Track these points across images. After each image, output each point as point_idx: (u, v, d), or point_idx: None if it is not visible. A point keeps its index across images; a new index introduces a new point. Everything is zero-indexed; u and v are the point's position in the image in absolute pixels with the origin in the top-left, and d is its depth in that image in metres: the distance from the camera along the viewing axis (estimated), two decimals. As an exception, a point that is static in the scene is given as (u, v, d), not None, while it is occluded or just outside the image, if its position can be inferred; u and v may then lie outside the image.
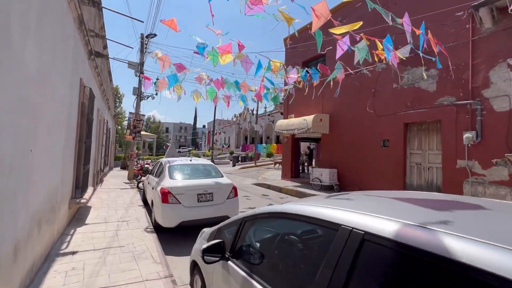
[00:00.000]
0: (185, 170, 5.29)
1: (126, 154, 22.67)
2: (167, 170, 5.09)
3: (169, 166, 5.25)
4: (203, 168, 5.55)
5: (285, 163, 12.41)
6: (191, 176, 5.10)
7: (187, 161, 5.65)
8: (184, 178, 4.93)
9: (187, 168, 5.37)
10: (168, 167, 5.21)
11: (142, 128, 12.60)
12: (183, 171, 5.24)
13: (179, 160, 5.77)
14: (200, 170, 5.45)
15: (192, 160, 5.73)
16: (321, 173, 9.28)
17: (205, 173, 5.37)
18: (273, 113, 33.50)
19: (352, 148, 8.95)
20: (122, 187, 9.42)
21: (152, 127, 52.18)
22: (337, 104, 9.70)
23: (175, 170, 5.16)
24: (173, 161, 5.56)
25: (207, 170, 5.51)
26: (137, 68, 12.10)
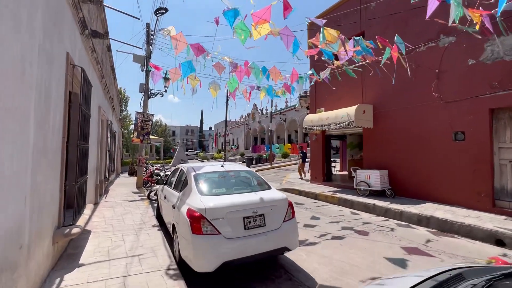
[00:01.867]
0: (219, 181, 3.76)
1: (134, 159, 21.39)
2: (193, 181, 3.57)
3: (196, 175, 3.73)
4: (243, 177, 4.01)
5: (314, 164, 10.79)
6: (228, 189, 3.55)
7: (218, 167, 4.11)
8: (220, 193, 3.38)
9: (221, 178, 3.84)
10: (194, 176, 3.69)
11: (151, 129, 11.16)
12: (216, 182, 3.71)
13: (206, 166, 4.23)
14: (238, 180, 3.91)
15: (224, 166, 4.18)
16: (368, 175, 7.64)
17: (246, 184, 3.82)
18: (285, 111, 31.88)
19: (407, 144, 7.29)
20: (131, 199, 7.95)
21: (158, 130, 51.12)
22: (383, 92, 8.05)
23: (205, 181, 3.63)
24: (198, 168, 4.03)
25: (248, 179, 3.96)
26: (143, 62, 10.67)
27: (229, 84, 7.43)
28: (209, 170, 3.92)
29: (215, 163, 4.56)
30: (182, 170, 4.38)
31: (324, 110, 10.22)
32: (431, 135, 6.74)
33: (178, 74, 7.61)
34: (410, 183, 7.14)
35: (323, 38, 4.56)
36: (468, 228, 4.79)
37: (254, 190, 3.57)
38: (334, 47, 5.17)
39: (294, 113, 29.91)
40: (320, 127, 9.11)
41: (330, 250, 4.16)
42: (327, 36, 4.67)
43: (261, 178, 4.04)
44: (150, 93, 11.14)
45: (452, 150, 6.30)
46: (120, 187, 10.79)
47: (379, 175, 7.39)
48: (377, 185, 7.38)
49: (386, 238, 4.74)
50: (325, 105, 10.28)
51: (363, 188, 7.68)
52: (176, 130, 75.64)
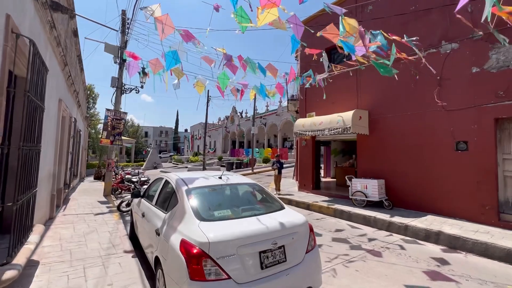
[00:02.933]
0: (220, 199, 2.92)
1: (101, 162, 19.39)
2: (186, 199, 2.70)
3: (189, 190, 2.86)
4: (249, 192, 3.21)
5: (303, 171, 10.25)
6: (235, 211, 2.72)
7: (215, 179, 3.27)
8: (224, 217, 2.55)
9: (222, 195, 3.01)
10: (186, 192, 2.82)
11: (123, 129, 9.87)
12: (217, 200, 2.88)
13: (199, 176, 3.37)
14: (245, 198, 3.11)
15: (223, 177, 3.35)
16: (365, 184, 7.21)
17: (255, 203, 3.03)
18: (265, 115, 31.45)
19: (406, 153, 6.98)
20: (97, 211, 6.69)
21: (130, 131, 48.02)
22: (380, 98, 7.74)
23: (203, 200, 2.78)
24: (190, 180, 3.16)
25: (255, 196, 3.17)
26: (116, 53, 9.41)
27: (220, 80, 6.59)
28: (205, 184, 3.07)
29: (209, 173, 3.70)
30: (167, 181, 3.46)
31: (315, 115, 9.75)
32: (432, 144, 6.48)
33: (159, 66, 6.63)
34: (409, 193, 6.81)
35: (343, 28, 3.94)
36: (483, 246, 4.43)
37: (267, 211, 2.78)
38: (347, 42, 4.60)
39: (275, 117, 29.57)
40: (312, 132, 8.57)
41: (348, 279, 3.49)
42: (346, 27, 4.07)
43: (268, 193, 3.27)
44: (123, 88, 9.87)
45: (454, 160, 6.05)
46: (84, 195, 9.32)
47: (377, 185, 6.99)
48: (375, 195, 6.96)
49: (401, 260, 4.21)
50: (316, 109, 9.82)
51: (360, 198, 7.23)
52: (149, 131, 71.97)
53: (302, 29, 4.40)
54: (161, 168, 30.73)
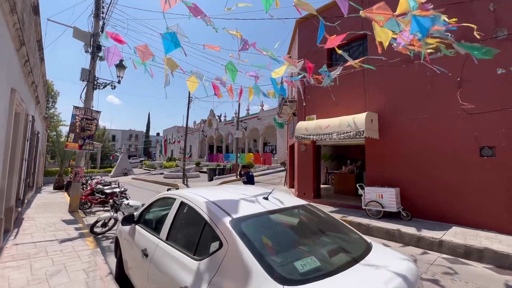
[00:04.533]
0: (289, 237, 1.93)
1: (64, 169, 16.93)
2: (239, 242, 1.66)
3: (235, 222, 1.83)
4: (318, 221, 2.25)
5: (303, 178, 9.47)
6: (321, 258, 1.71)
7: (259, 201, 2.26)
8: (314, 273, 1.54)
9: (288, 228, 2.03)
10: (233, 226, 1.78)
11: (95, 131, 8.28)
12: (286, 239, 1.88)
13: (234, 198, 2.33)
14: (316, 230, 2.16)
15: (271, 199, 2.34)
16: (380, 193, 6.60)
17: (333, 237, 2.08)
18: (246, 119, 30.54)
19: (423, 159, 6.51)
20: (62, 235, 5.19)
21: (96, 134, 43.94)
22: (391, 100, 7.25)
23: (267, 241, 1.75)
24: (226, 204, 2.12)
25: (327, 227, 2.23)
26: (88, 40, 7.89)
27: (228, 70, 5.57)
28: (256, 210, 2.04)
29: (237, 189, 2.68)
30: (187, 206, 2.36)
31: (315, 118, 9.07)
32: (452, 149, 6.06)
33: (148, 54, 5.42)
34: (428, 203, 6.31)
35: (414, 1, 3.17)
36: (539, 265, 3.93)
37: (360, 253, 1.84)
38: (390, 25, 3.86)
39: (256, 121, 28.80)
40: (317, 136, 7.84)
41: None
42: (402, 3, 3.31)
43: (339, 220, 2.34)
44: (96, 83, 8.31)
45: (479, 167, 5.66)
46: (43, 212, 7.54)
47: (394, 193, 6.40)
48: (393, 205, 6.36)
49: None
50: (317, 112, 9.15)
51: (375, 209, 6.59)
52: (117, 135, 67.03)
53: (347, 4, 3.59)
54: (132, 175, 28.18)
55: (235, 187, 3.01)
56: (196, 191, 2.62)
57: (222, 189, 2.86)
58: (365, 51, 8.19)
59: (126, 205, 5.64)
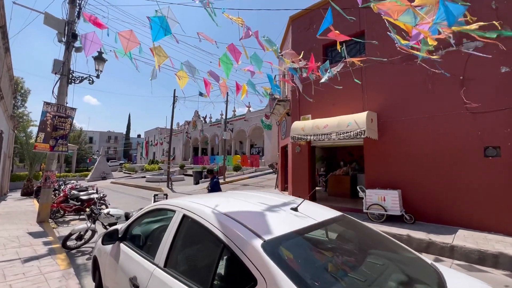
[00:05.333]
0: (338, 264, 1.43)
1: (34, 173, 15.45)
2: (283, 278, 1.14)
3: (270, 246, 1.32)
4: (362, 238, 1.80)
5: (297, 181, 9.07)
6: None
7: (286, 213, 1.76)
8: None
9: (335, 251, 1.53)
10: (268, 252, 1.27)
11: (69, 131, 7.38)
12: (337, 268, 1.38)
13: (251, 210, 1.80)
14: (364, 251, 1.67)
15: (301, 210, 1.84)
16: (382, 196, 6.32)
17: (393, 260, 1.62)
18: (232, 120, 29.90)
19: (423, 160, 6.31)
20: (27, 253, 4.37)
21: (71, 136, 41.42)
22: (391, 99, 7.03)
23: (317, 274, 1.25)
24: (248, 219, 1.59)
25: (378, 245, 1.77)
26: (62, 28, 7.04)
27: (223, 64, 5.03)
28: (291, 228, 1.53)
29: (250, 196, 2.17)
30: (193, 221, 1.80)
31: (311, 118, 8.72)
32: (455, 150, 5.89)
33: (133, 42, 4.78)
34: (431, 205, 6.10)
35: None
36: (560, 271, 3.73)
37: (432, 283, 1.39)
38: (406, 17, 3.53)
39: (242, 123, 28.26)
40: (315, 136, 7.47)
41: None
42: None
43: (394, 241, 1.90)
44: (71, 76, 7.43)
45: (483, 167, 5.51)
46: (4, 223, 6.54)
47: (397, 196, 6.14)
48: (396, 208, 6.09)
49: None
50: (312, 111, 8.80)
51: (377, 212, 6.29)
52: (94, 136, 63.80)
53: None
54: (111, 179, 26.57)
55: (245, 194, 2.49)
56: (199, 200, 2.07)
57: (230, 196, 2.32)
58: (362, 49, 7.97)
59: (106, 214, 4.91)
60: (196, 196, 2.44)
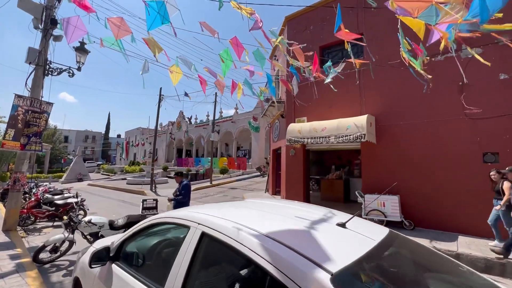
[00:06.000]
0: None
1: (1, 174, 14.06)
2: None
3: (342, 283, 0.95)
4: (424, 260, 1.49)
5: (292, 185, 8.79)
6: None
7: (332, 229, 1.43)
8: None
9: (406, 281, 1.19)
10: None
11: (45, 128, 6.63)
12: None
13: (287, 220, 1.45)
14: (433, 276, 1.35)
15: (351, 227, 1.50)
16: (382, 201, 6.18)
17: None
18: (219, 122, 29.32)
19: (422, 165, 6.26)
20: (-10, 268, 3.70)
21: (45, 134, 38.76)
22: (388, 103, 6.97)
23: None
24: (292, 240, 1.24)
25: (444, 267, 1.46)
26: (39, 13, 6.33)
27: (223, 58, 4.65)
28: (356, 255, 1.19)
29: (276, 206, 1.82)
30: (219, 241, 1.41)
31: (306, 120, 8.51)
32: (454, 155, 5.88)
33: (124, 30, 4.30)
34: (430, 211, 6.03)
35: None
36: None
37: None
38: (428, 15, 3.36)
39: (229, 124, 27.78)
40: (312, 139, 7.24)
41: None
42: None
43: (455, 261, 1.62)
44: (49, 68, 6.69)
45: (482, 173, 5.49)
46: (-37, 232, 5.68)
47: (397, 201, 6.02)
48: (396, 214, 5.96)
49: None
50: (307, 114, 8.60)
51: (377, 218, 6.13)
52: (70, 136, 60.34)
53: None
54: (88, 181, 25.01)
55: (266, 203, 2.12)
56: (216, 211, 1.69)
57: (252, 207, 1.95)
58: (360, 52, 7.89)
59: (87, 223, 4.32)
60: (208, 206, 2.04)
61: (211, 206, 2.04)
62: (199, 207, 1.98)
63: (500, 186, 4.58)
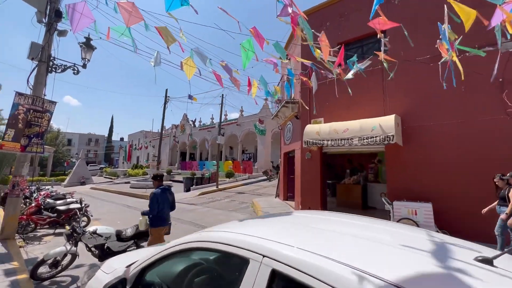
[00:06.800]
0: None
1: (2, 177, 13.66)
2: None
3: None
4: None
5: (307, 190, 8.25)
6: None
7: (475, 266, 0.91)
8: None
9: None
10: None
11: (47, 129, 6.19)
12: None
13: (394, 251, 0.94)
14: None
15: (497, 263, 0.98)
16: (413, 209, 5.63)
17: None
18: (224, 125, 28.89)
19: (458, 170, 5.72)
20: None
21: (48, 137, 38.57)
22: (417, 103, 6.46)
23: None
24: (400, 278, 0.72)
25: None
26: (43, 5, 5.94)
27: (242, 51, 4.20)
28: None
29: (365, 224, 1.32)
30: None
31: (323, 121, 8.01)
32: (496, 158, 5.33)
33: (136, 17, 3.86)
34: (467, 221, 5.47)
35: None
36: None
37: None
38: None
39: (234, 127, 27.34)
40: (333, 141, 6.73)
41: None
42: None
43: None
44: (52, 64, 6.27)
45: (528, 179, 4.95)
46: (-44, 241, 5.20)
47: (431, 209, 5.47)
48: (431, 223, 5.41)
49: None
50: (324, 115, 8.09)
51: (408, 228, 5.57)
52: (73, 138, 60.30)
53: None
54: (91, 184, 24.59)
55: (333, 220, 1.62)
56: (281, 233, 1.19)
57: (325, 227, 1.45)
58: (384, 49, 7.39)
59: (92, 234, 3.83)
60: (256, 222, 1.54)
61: (260, 222, 1.53)
62: (245, 223, 1.47)
63: (506, 192, 4.33)
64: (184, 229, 6.91)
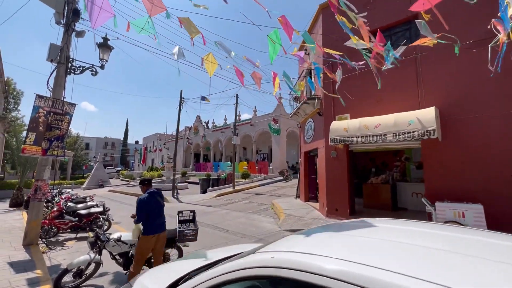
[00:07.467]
0: None
1: (25, 181, 13.98)
2: None
3: None
4: None
5: (333, 191, 7.77)
6: None
7: None
8: None
9: None
10: None
11: (67, 131, 6.07)
12: None
13: None
14: None
15: None
16: (461, 211, 5.06)
17: None
18: (237, 125, 28.67)
19: (508, 169, 5.10)
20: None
21: (67, 141, 39.79)
22: (456, 94, 5.87)
23: None
24: None
25: None
26: (60, 6, 5.83)
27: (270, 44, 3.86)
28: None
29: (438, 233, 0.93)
30: None
31: (349, 117, 7.52)
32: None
33: (159, 7, 3.59)
34: (524, 223, 4.86)
35: None
36: None
37: None
38: None
39: (248, 128, 27.03)
40: (364, 137, 6.24)
41: None
42: None
43: None
44: (71, 66, 6.16)
45: None
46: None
47: (482, 212, 4.89)
48: (483, 227, 4.82)
49: None
50: (350, 110, 7.59)
51: (455, 232, 5.02)
52: (91, 143, 62.07)
53: None
54: (109, 187, 25.02)
55: (439, 234, 1.22)
56: (383, 261, 0.81)
57: (436, 245, 1.06)
58: (414, 37, 6.84)
59: (117, 241, 3.57)
60: (358, 243, 1.16)
61: (350, 241, 1.15)
62: (331, 240, 1.10)
63: None
64: (207, 233, 6.62)
